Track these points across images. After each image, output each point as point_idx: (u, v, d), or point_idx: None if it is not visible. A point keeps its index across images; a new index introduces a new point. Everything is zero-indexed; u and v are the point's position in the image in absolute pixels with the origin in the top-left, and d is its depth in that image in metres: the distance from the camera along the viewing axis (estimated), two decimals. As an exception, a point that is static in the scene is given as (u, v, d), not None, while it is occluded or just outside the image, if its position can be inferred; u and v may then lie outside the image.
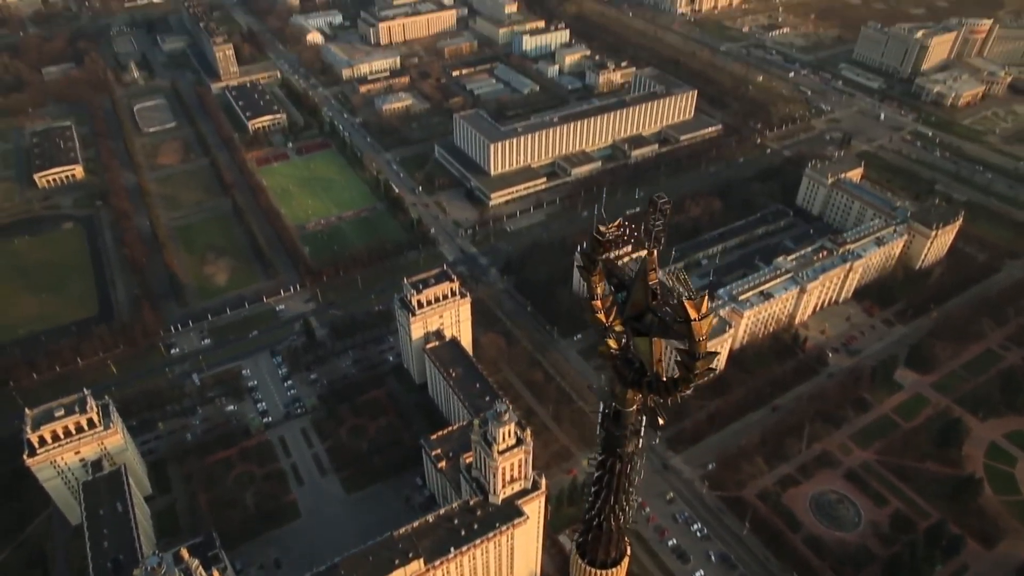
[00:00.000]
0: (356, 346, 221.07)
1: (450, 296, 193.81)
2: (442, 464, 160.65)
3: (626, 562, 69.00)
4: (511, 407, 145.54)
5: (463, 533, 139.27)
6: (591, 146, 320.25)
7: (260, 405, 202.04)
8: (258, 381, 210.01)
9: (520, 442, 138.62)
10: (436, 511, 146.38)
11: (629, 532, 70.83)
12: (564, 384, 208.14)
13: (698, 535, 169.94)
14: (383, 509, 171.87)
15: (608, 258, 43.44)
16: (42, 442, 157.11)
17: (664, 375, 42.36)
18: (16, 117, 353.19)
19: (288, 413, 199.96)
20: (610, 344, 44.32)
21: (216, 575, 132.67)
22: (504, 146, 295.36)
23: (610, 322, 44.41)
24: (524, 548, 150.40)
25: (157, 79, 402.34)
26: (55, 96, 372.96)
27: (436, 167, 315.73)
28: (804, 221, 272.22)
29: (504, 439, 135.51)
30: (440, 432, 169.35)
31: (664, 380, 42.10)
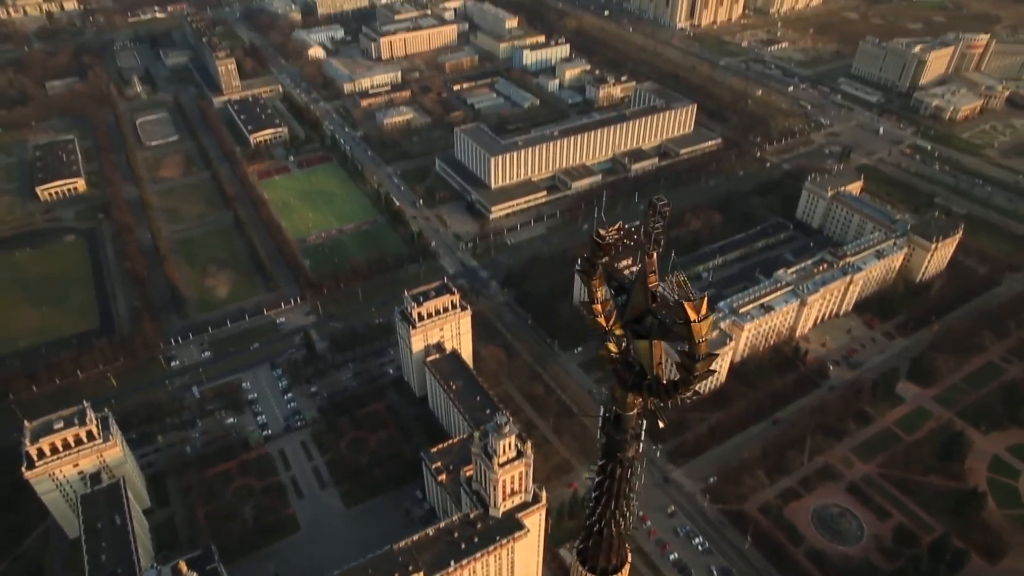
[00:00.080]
0: (356, 359, 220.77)
1: (451, 309, 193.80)
2: (442, 477, 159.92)
3: (627, 569, 68.63)
4: (511, 420, 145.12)
5: (463, 547, 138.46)
6: (591, 160, 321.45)
7: (260, 418, 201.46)
8: (258, 394, 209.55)
9: (521, 455, 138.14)
10: (436, 524, 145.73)
11: (630, 542, 70.39)
12: (564, 397, 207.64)
13: (699, 549, 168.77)
14: (383, 522, 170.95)
15: (608, 262, 43.49)
16: (41, 455, 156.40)
17: (664, 378, 42.33)
18: (20, 131, 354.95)
19: (288, 426, 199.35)
20: (610, 348, 44.36)
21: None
22: (504, 159, 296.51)
23: (610, 326, 44.47)
24: (525, 562, 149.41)
25: (160, 93, 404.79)
26: (59, 110, 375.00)
27: (437, 180, 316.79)
28: (804, 234, 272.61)
29: (504, 452, 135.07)
30: (440, 445, 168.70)
31: (664, 383, 42.05)
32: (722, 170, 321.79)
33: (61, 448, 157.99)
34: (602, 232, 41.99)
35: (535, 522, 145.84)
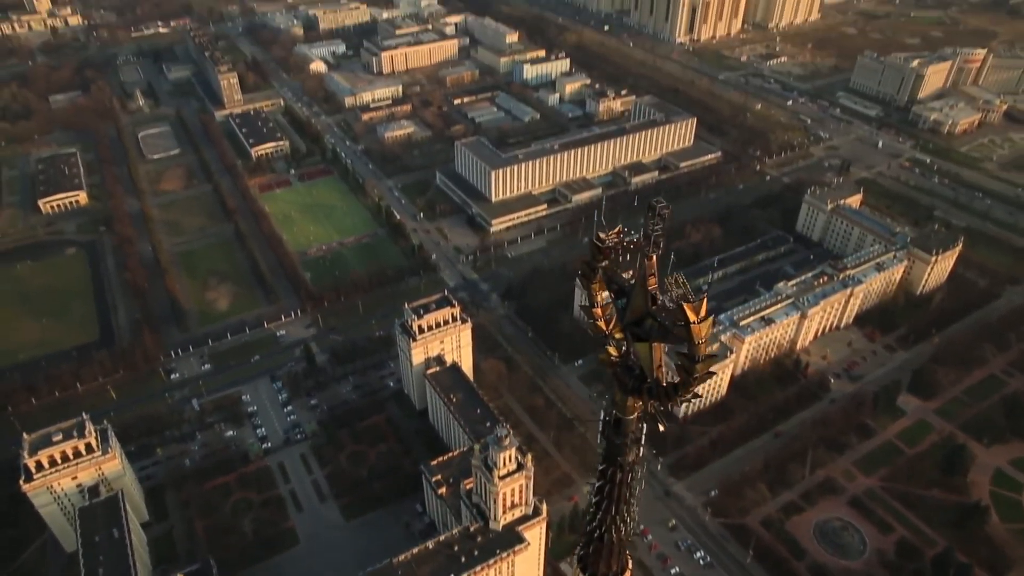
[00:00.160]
0: (356, 371, 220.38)
1: (451, 322, 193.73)
2: (442, 490, 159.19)
3: None
4: (512, 432, 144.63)
5: (463, 560, 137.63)
6: (591, 173, 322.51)
7: (260, 431, 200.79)
8: (258, 406, 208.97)
9: (521, 467, 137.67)
10: (436, 538, 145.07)
11: (631, 554, 69.89)
12: (565, 410, 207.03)
13: (701, 563, 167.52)
14: (383, 536, 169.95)
15: (608, 265, 43.56)
16: (39, 467, 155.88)
17: (664, 380, 42.29)
18: (23, 144, 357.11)
19: (288, 439, 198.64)
20: (610, 351, 44.37)
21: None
22: (505, 173, 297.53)
23: (610, 330, 44.50)
24: (525, 575, 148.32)
25: (162, 107, 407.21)
26: (62, 124, 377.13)
27: (437, 194, 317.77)
28: (804, 247, 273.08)
29: (505, 464, 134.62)
30: (440, 458, 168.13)
31: (664, 385, 42.00)
32: (722, 183, 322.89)
33: (60, 461, 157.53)
34: (602, 235, 42.08)
35: (535, 535, 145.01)
